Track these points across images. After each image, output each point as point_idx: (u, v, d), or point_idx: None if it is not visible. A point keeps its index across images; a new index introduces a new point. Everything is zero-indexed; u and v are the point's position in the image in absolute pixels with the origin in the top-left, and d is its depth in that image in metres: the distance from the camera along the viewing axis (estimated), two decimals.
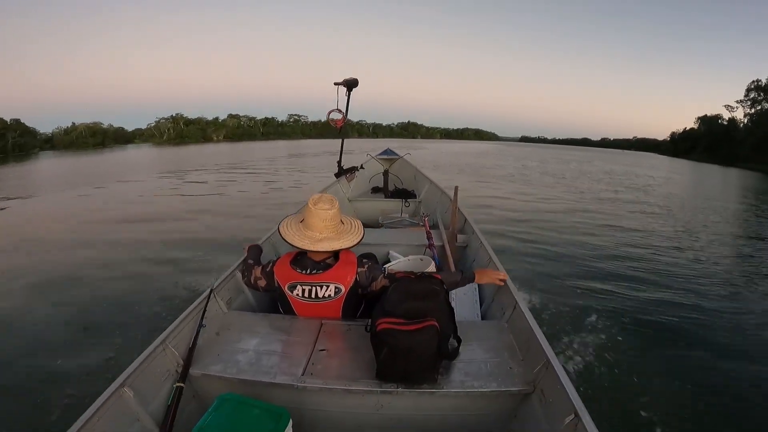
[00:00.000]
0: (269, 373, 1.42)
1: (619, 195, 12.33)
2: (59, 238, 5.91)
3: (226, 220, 7.03)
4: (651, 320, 3.59)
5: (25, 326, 3.41)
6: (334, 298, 1.70)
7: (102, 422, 1.16)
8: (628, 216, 8.70)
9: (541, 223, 7.27)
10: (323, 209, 1.71)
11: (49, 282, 4.33)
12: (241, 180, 13.22)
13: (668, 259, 5.48)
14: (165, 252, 5.21)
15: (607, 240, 6.43)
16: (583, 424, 1.07)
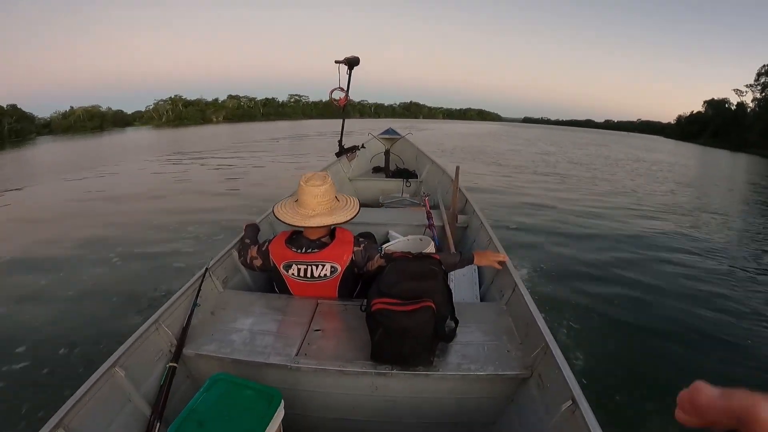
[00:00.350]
0: (263, 353, 1.41)
1: (677, 197, 9.54)
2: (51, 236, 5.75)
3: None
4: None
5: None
6: (329, 277, 1.68)
7: (92, 403, 1.14)
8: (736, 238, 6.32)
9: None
10: (314, 185, 1.69)
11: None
12: (241, 164, 12.45)
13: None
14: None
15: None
16: (580, 411, 1.05)
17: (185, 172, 11.08)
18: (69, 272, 4.16)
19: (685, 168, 17.69)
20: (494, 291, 1.93)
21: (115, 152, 18.69)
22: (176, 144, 22.44)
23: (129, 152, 18.48)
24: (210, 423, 1.18)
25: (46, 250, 4.86)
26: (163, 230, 5.41)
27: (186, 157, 14.78)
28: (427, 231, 2.67)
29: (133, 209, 6.70)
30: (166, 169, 11.85)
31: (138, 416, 1.26)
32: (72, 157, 18.60)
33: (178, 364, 1.36)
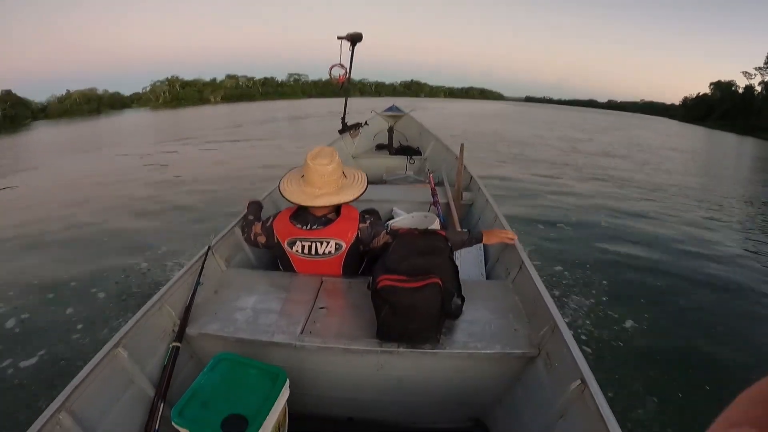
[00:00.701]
0: (267, 332, 1.39)
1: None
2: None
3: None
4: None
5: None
6: (334, 254, 1.65)
7: (96, 384, 1.13)
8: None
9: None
10: (321, 164, 1.64)
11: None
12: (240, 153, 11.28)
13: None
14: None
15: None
16: (590, 391, 1.02)
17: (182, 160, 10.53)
18: (72, 253, 4.16)
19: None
20: (500, 269, 1.90)
21: (105, 141, 17.27)
22: (174, 129, 21.02)
23: (119, 141, 16.47)
24: (214, 403, 1.17)
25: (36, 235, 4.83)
26: (155, 214, 5.39)
27: (184, 143, 13.48)
28: (432, 208, 2.64)
29: (118, 194, 6.65)
30: (153, 160, 10.28)
31: (142, 397, 1.25)
32: (65, 145, 17.42)
33: (181, 344, 1.35)
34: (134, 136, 18.12)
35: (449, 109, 33.37)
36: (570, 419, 1.09)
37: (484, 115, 28.53)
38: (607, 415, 0.94)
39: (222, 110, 36.22)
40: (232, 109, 36.48)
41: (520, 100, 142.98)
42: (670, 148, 17.04)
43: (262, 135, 15.35)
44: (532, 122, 24.50)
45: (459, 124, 19.01)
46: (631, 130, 26.63)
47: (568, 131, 20.25)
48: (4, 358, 2.54)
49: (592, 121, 32.68)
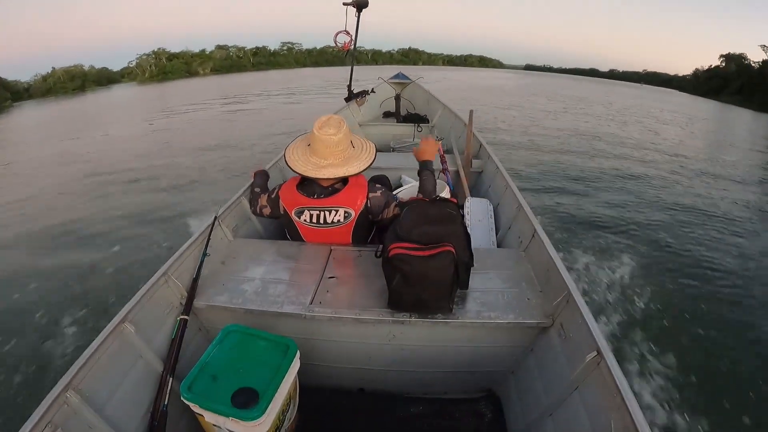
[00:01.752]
0: (276, 302, 1.36)
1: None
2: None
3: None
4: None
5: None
6: (343, 223, 1.61)
7: (103, 361, 1.10)
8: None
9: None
10: (328, 135, 1.56)
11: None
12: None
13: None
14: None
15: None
16: (606, 362, 0.99)
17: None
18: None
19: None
20: (512, 237, 1.86)
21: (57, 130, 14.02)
22: (152, 103, 19.82)
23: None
24: (224, 376, 1.15)
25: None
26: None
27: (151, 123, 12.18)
28: (441, 176, 2.58)
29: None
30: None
31: (150, 372, 1.23)
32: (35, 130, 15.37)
33: (189, 317, 1.32)
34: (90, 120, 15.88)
35: (455, 80, 28.61)
36: (584, 391, 1.06)
37: (500, 89, 24.32)
38: (624, 388, 0.91)
39: (211, 83, 34.52)
40: (217, 82, 34.52)
41: (519, 67, 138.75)
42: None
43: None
44: (559, 99, 19.89)
45: (469, 99, 14.90)
46: (667, 104, 23.78)
47: (613, 110, 16.75)
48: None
49: (618, 93, 29.82)
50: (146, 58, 59.69)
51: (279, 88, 21.24)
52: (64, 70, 49.12)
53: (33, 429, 0.88)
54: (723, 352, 2.51)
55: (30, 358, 2.40)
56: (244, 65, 67.32)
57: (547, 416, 1.19)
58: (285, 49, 78.59)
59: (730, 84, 45.93)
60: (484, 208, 2.13)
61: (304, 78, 30.06)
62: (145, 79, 54.36)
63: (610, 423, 0.92)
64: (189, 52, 64.51)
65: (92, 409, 1.03)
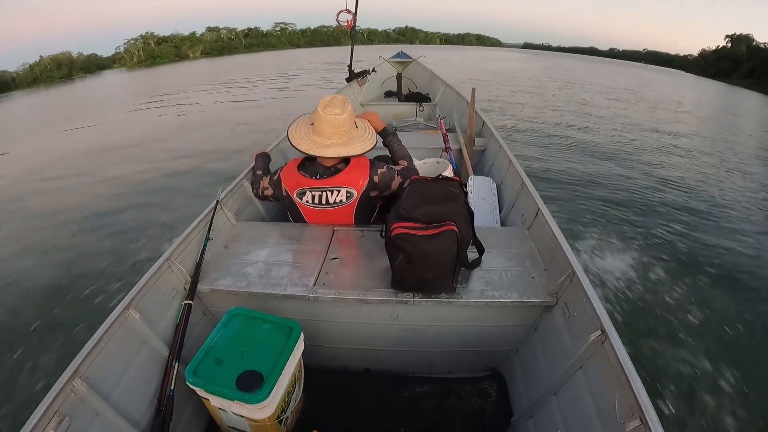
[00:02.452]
0: (280, 284, 1.35)
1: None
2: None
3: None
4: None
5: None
6: (345, 203, 1.60)
7: (108, 348, 1.10)
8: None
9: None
10: (332, 114, 1.55)
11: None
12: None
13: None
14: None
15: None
16: (610, 341, 0.98)
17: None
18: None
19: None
20: (515, 215, 1.85)
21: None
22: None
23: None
24: (228, 360, 1.15)
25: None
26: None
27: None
28: (444, 154, 2.59)
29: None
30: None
31: (156, 357, 1.23)
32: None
33: (193, 301, 1.32)
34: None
35: (458, 62, 25.99)
36: (588, 370, 1.06)
37: (516, 73, 20.60)
38: (628, 367, 0.91)
39: (201, 66, 32.98)
40: (206, 66, 33.01)
41: (517, 46, 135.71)
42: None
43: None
44: (587, 85, 17.70)
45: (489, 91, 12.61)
46: (697, 94, 21.17)
47: (667, 105, 14.33)
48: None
49: (643, 77, 27.22)
50: (134, 43, 57.86)
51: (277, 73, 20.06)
52: (50, 58, 47.39)
53: (41, 419, 0.88)
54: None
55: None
56: (236, 47, 65.59)
57: (551, 395, 1.19)
58: (278, 30, 76.58)
59: (741, 66, 43.71)
60: (487, 187, 2.11)
61: (297, 59, 28.91)
62: (134, 64, 52.78)
63: (615, 402, 0.92)
64: (179, 35, 62.60)
65: (99, 397, 1.03)
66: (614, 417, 0.91)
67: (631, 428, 0.84)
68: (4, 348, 2.37)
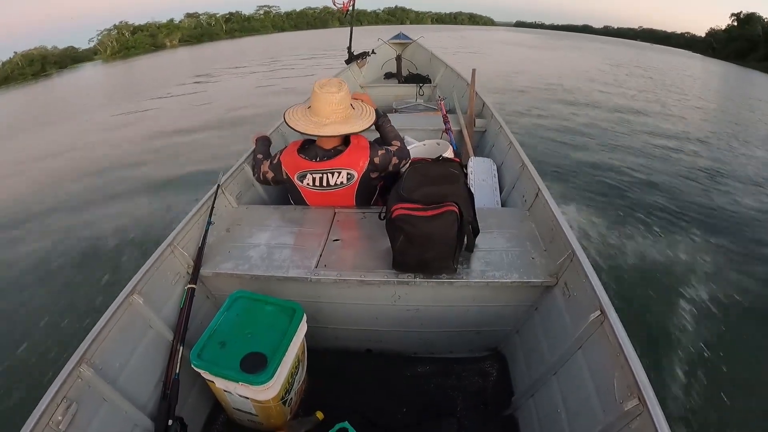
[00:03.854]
0: (282, 267, 1.36)
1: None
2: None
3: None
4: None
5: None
6: (346, 185, 1.60)
7: (114, 333, 1.10)
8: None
9: None
10: (330, 92, 1.54)
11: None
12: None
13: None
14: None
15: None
16: (609, 322, 1.00)
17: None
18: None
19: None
20: (516, 196, 1.85)
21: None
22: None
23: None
24: (232, 342, 1.16)
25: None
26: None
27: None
28: (444, 135, 2.58)
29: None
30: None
31: (160, 342, 1.23)
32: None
33: (196, 286, 1.32)
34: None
35: (456, 47, 21.02)
36: (588, 350, 1.07)
37: (537, 61, 16.91)
38: (627, 347, 0.92)
39: (172, 58, 30.07)
40: (179, 57, 30.48)
41: (509, 24, 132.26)
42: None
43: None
44: (615, 69, 15.54)
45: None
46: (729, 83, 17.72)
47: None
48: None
49: (665, 62, 22.95)
50: (107, 33, 53.91)
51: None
52: (21, 54, 43.97)
53: (48, 405, 0.88)
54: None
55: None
56: (217, 33, 61.88)
57: (551, 374, 1.20)
58: (261, 13, 72.57)
59: (759, 47, 38.87)
60: (487, 168, 2.11)
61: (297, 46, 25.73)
62: (107, 56, 49.38)
63: (613, 381, 0.93)
64: (156, 23, 58.76)
65: (105, 382, 1.03)
66: (613, 396, 0.92)
67: (629, 407, 0.85)
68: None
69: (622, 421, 0.88)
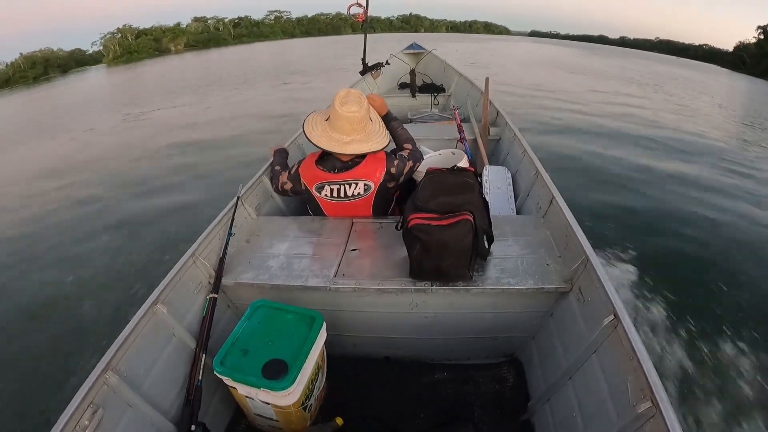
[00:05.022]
0: (301, 276, 1.39)
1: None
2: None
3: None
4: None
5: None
6: (363, 195, 1.62)
7: (138, 341, 1.14)
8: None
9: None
10: (351, 112, 1.56)
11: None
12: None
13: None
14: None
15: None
16: (623, 326, 1.01)
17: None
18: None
19: None
20: (531, 203, 1.86)
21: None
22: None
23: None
24: (254, 349, 1.19)
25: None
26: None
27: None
28: (459, 144, 2.58)
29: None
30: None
31: (183, 349, 1.27)
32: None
33: (218, 295, 1.35)
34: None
35: (476, 57, 19.66)
36: (602, 354, 1.08)
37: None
38: (640, 351, 0.93)
39: (168, 66, 28.49)
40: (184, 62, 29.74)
41: (524, 34, 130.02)
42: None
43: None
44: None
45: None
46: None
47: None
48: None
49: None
50: (111, 37, 53.19)
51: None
52: (24, 56, 43.74)
53: (75, 411, 0.91)
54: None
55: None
56: (224, 38, 60.62)
57: (566, 379, 1.21)
58: (272, 18, 71.69)
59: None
60: (502, 176, 2.12)
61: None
62: (110, 61, 48.70)
63: (627, 385, 0.94)
64: (162, 26, 57.24)
65: (130, 388, 1.07)
66: (626, 399, 0.93)
67: (643, 410, 0.86)
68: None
69: (635, 424, 0.88)
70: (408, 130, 1.80)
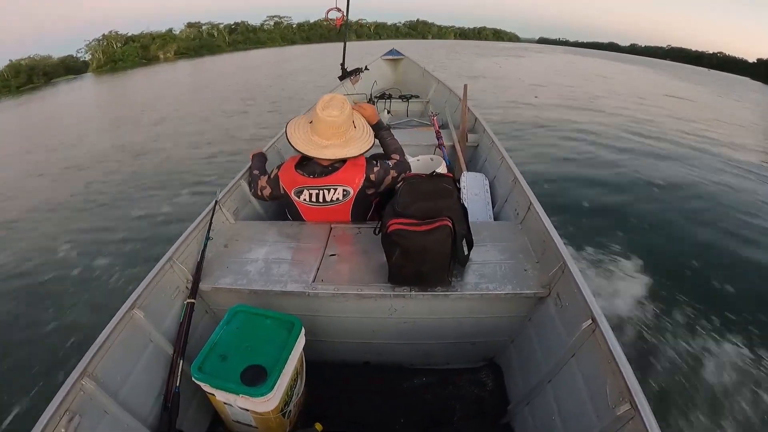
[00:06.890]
0: (279, 281, 1.39)
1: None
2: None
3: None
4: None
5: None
6: (342, 201, 1.63)
7: (115, 347, 1.13)
8: None
9: None
10: (331, 116, 1.57)
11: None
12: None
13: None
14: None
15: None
16: (600, 330, 1.03)
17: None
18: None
19: None
20: (509, 209, 1.89)
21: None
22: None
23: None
24: (232, 355, 1.18)
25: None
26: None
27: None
28: (437, 150, 2.62)
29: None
30: None
31: (161, 356, 1.26)
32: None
33: (195, 300, 1.34)
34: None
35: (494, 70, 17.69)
36: (581, 358, 1.10)
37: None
38: (618, 354, 0.95)
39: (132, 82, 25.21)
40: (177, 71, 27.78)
41: (532, 41, 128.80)
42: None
43: None
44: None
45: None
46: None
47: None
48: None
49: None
50: (96, 44, 50.18)
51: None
52: (10, 63, 41.42)
53: (51, 418, 0.90)
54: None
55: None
56: (218, 45, 57.44)
57: (546, 383, 1.23)
58: (271, 24, 69.20)
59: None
60: (480, 182, 2.15)
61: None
62: (94, 69, 46.22)
63: (606, 388, 0.96)
64: (152, 33, 53.83)
65: (107, 394, 1.06)
66: (606, 402, 0.95)
67: (622, 412, 0.88)
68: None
69: (615, 425, 0.90)
70: (397, 141, 1.81)
